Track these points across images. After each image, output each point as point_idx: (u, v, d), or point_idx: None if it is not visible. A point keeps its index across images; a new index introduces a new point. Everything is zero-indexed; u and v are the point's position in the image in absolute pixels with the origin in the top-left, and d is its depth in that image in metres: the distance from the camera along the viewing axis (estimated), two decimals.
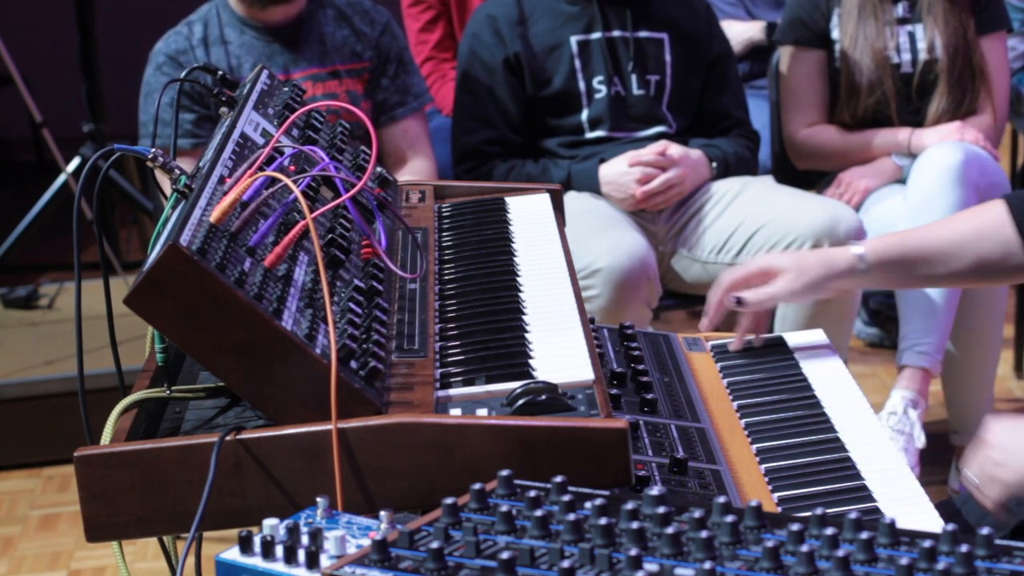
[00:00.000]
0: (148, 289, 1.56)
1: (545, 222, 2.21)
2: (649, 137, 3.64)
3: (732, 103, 3.77)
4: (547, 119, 3.64)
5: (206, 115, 3.49)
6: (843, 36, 3.87)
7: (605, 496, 1.36)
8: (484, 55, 3.64)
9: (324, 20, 3.62)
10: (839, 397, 2.02)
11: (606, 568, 1.24)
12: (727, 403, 2.01)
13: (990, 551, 1.24)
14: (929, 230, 2.26)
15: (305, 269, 1.73)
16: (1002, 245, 2.17)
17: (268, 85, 2.15)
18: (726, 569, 1.24)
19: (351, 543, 1.41)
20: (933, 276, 2.23)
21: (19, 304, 4.66)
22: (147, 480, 1.59)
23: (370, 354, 1.64)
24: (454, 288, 1.96)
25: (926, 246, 2.21)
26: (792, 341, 2.20)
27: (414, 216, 2.20)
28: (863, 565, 1.24)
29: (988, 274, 2.23)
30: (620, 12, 3.65)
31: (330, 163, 1.92)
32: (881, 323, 4.65)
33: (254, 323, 1.57)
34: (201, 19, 3.60)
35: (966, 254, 2.19)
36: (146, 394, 1.74)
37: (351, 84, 3.62)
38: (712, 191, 3.61)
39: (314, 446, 1.57)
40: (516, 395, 1.63)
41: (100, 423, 1.67)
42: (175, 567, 1.78)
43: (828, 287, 2.23)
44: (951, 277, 2.24)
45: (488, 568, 1.25)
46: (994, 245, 2.17)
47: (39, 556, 3.63)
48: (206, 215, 1.66)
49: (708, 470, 1.78)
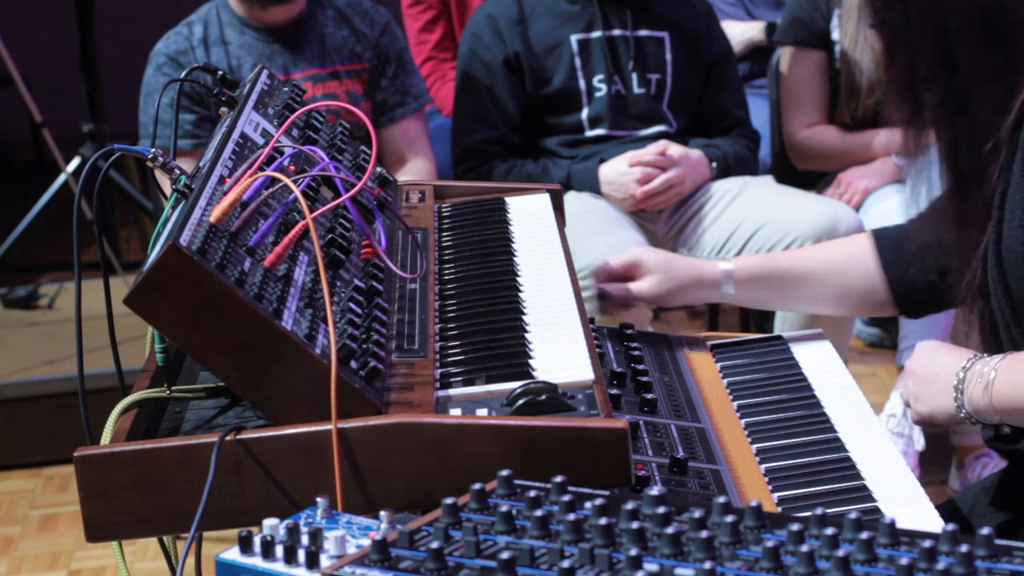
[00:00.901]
0: (148, 289, 1.56)
1: (545, 222, 2.21)
2: (649, 136, 3.64)
3: (732, 103, 3.77)
4: (547, 118, 3.65)
5: (206, 115, 3.49)
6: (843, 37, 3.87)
7: (605, 496, 1.36)
8: (484, 55, 3.64)
9: (324, 20, 3.62)
10: (839, 397, 2.02)
11: (606, 568, 1.24)
12: (727, 403, 2.01)
13: (990, 551, 1.24)
14: (797, 254, 2.28)
15: (305, 269, 1.73)
16: (864, 279, 2.17)
17: (268, 85, 2.15)
18: (726, 569, 1.24)
19: (351, 543, 1.41)
20: (798, 300, 2.25)
21: (19, 304, 4.66)
22: (147, 480, 1.59)
23: (370, 354, 1.64)
24: (454, 288, 1.96)
25: (792, 271, 2.23)
26: (792, 341, 2.20)
27: (414, 216, 2.20)
28: (863, 565, 1.24)
29: (850, 305, 2.23)
30: (620, 11, 3.65)
31: (330, 163, 1.92)
32: (881, 323, 4.65)
33: (254, 323, 1.57)
34: (201, 19, 3.60)
35: (829, 282, 2.20)
36: (146, 394, 1.74)
37: (351, 84, 3.62)
38: (712, 191, 3.61)
39: (314, 446, 1.57)
40: (516, 395, 1.63)
41: (100, 423, 1.67)
42: (175, 567, 1.78)
43: (693, 296, 2.26)
44: (813, 303, 2.25)
45: (488, 568, 1.25)
46: (857, 279, 2.18)
47: (39, 556, 3.63)
48: (206, 215, 1.66)
49: (708, 470, 1.78)
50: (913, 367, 1.88)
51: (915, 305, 2.16)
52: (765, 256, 2.28)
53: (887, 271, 2.15)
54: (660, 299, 2.26)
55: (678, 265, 2.25)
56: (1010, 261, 1.77)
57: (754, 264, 2.25)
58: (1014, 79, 1.73)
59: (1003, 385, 1.74)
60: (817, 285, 2.21)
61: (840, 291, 2.20)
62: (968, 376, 1.78)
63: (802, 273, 2.22)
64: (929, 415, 1.85)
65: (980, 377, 1.76)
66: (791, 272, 2.23)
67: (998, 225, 1.78)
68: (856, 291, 2.19)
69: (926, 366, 1.86)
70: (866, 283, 2.17)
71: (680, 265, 2.25)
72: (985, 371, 1.76)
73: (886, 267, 2.15)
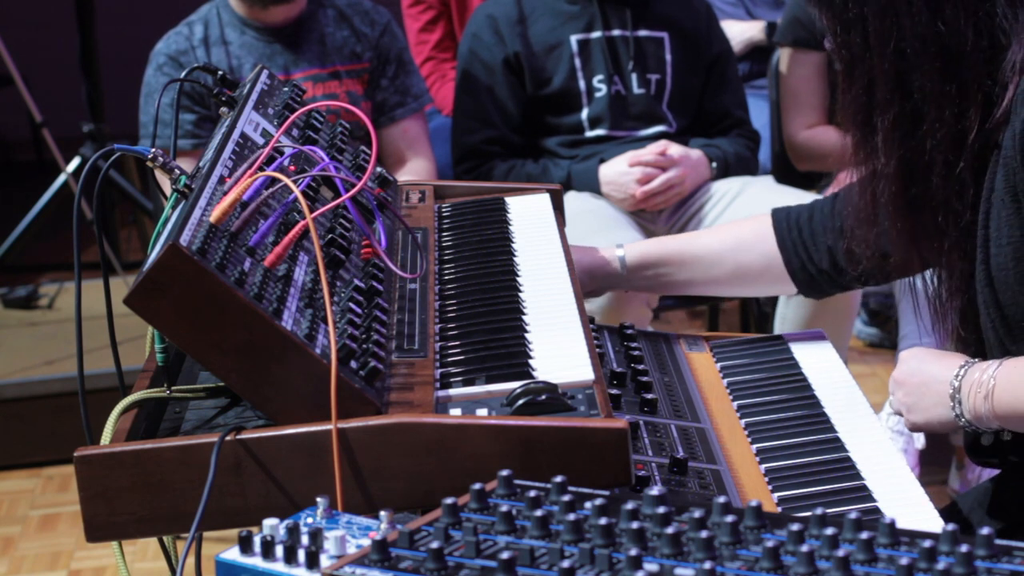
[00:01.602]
0: (148, 289, 1.56)
1: (545, 222, 2.21)
2: (649, 136, 3.64)
3: (732, 103, 3.77)
4: (547, 118, 3.65)
5: (206, 115, 3.49)
6: None
7: (605, 496, 1.36)
8: (484, 55, 3.64)
9: (324, 21, 3.62)
10: (839, 397, 2.02)
11: (606, 568, 1.24)
12: (727, 403, 2.01)
13: (990, 551, 1.24)
14: (692, 236, 2.29)
15: (305, 269, 1.73)
16: (762, 257, 2.18)
17: (268, 85, 2.16)
18: (726, 569, 1.24)
19: (351, 543, 1.41)
20: (692, 281, 2.23)
21: (19, 304, 4.67)
22: (147, 480, 1.59)
23: (370, 354, 1.64)
24: (454, 288, 1.96)
25: (686, 251, 2.22)
26: (792, 341, 2.20)
27: (414, 216, 2.20)
28: (863, 565, 1.24)
29: (747, 283, 2.23)
30: (620, 11, 3.65)
31: (330, 163, 1.92)
32: (881, 323, 4.65)
33: (254, 323, 1.57)
34: (201, 19, 3.60)
35: (726, 262, 2.20)
36: (146, 394, 1.74)
37: (351, 84, 3.62)
38: (712, 191, 3.61)
39: (314, 446, 1.57)
40: (516, 395, 1.63)
41: (100, 423, 1.67)
42: (175, 567, 1.78)
43: (604, 285, 2.25)
44: (709, 283, 2.24)
45: (488, 568, 1.25)
46: (754, 256, 2.18)
47: (39, 556, 3.63)
48: (206, 215, 1.66)
49: (708, 470, 1.78)
50: (901, 378, 1.86)
51: (813, 286, 2.17)
52: (658, 240, 2.27)
53: (784, 251, 2.15)
54: None
55: (584, 258, 2.24)
56: (1001, 280, 1.77)
57: (645, 248, 2.24)
58: (967, 105, 1.73)
59: (1004, 393, 1.74)
60: (712, 265, 2.21)
61: (736, 270, 2.20)
62: (964, 385, 1.77)
63: (695, 254, 2.21)
64: (925, 424, 1.84)
65: (979, 386, 1.76)
66: (684, 254, 2.22)
67: (985, 246, 1.77)
68: (753, 270, 2.19)
69: (915, 376, 1.84)
70: (763, 262, 2.17)
71: (586, 258, 2.24)
72: (984, 379, 1.75)
73: (783, 247, 2.15)
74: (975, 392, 1.76)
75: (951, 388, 1.78)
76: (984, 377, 1.75)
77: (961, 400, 1.77)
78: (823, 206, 2.14)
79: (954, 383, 1.78)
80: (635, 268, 2.23)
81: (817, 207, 2.14)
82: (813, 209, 2.15)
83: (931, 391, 1.81)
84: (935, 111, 1.74)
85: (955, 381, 1.78)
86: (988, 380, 1.75)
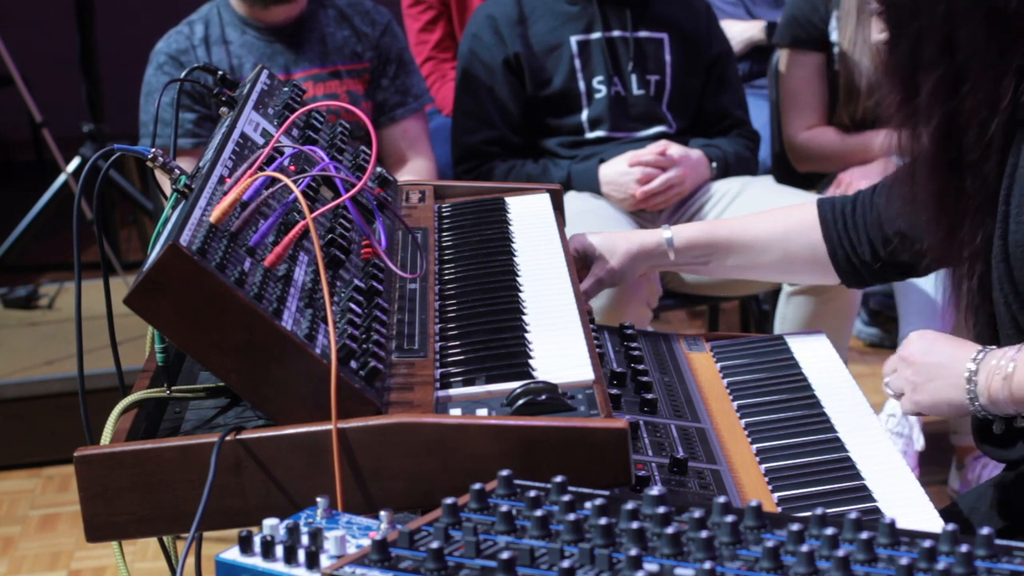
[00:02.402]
0: (148, 289, 1.56)
1: (545, 222, 2.21)
2: (649, 137, 3.64)
3: (732, 103, 3.77)
4: (547, 119, 3.64)
5: (207, 115, 3.49)
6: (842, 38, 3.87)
7: (605, 496, 1.36)
8: (484, 55, 3.64)
9: (325, 20, 3.62)
10: (839, 397, 2.02)
11: (606, 568, 1.24)
12: (727, 403, 2.01)
13: (990, 551, 1.24)
14: (741, 222, 2.29)
15: (305, 269, 1.73)
16: (808, 247, 2.20)
17: (268, 85, 2.16)
18: (726, 569, 1.24)
19: (351, 543, 1.41)
20: (740, 266, 2.26)
21: (19, 304, 4.66)
22: (147, 480, 1.59)
23: (370, 354, 1.64)
24: (454, 288, 1.96)
25: (734, 237, 2.24)
26: (792, 341, 2.20)
27: (414, 216, 2.20)
28: (863, 565, 1.24)
29: (792, 271, 2.26)
30: (620, 12, 3.65)
31: (330, 163, 1.92)
32: (881, 323, 4.65)
33: (254, 323, 1.57)
34: (202, 19, 3.60)
35: (773, 250, 2.22)
36: (146, 394, 1.74)
37: (351, 84, 3.62)
38: (712, 191, 3.61)
39: (314, 446, 1.57)
40: (516, 395, 1.63)
41: (100, 423, 1.67)
42: (175, 567, 1.78)
43: (642, 267, 2.27)
44: (756, 269, 2.26)
45: (488, 568, 1.25)
46: (801, 246, 2.20)
47: (39, 556, 3.63)
48: (206, 215, 1.66)
49: (708, 470, 1.78)
50: (911, 356, 1.85)
51: (856, 277, 2.18)
52: (707, 223, 2.29)
53: (829, 242, 2.17)
54: (613, 278, 2.25)
55: (620, 241, 2.25)
56: (1017, 256, 1.77)
57: (694, 233, 2.26)
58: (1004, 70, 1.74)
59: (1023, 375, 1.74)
60: (760, 252, 2.23)
61: (784, 258, 2.22)
62: (982, 368, 1.77)
63: (744, 240, 2.23)
64: (930, 406, 1.83)
65: (997, 370, 1.75)
66: (733, 239, 2.24)
67: (1004, 221, 1.78)
68: (799, 259, 2.21)
69: (927, 356, 1.83)
70: (810, 251, 2.19)
71: (622, 241, 2.26)
72: (1002, 364, 1.75)
73: (827, 238, 2.17)
74: (993, 375, 1.75)
75: (967, 371, 1.78)
76: (1003, 361, 1.75)
77: (978, 383, 1.77)
78: (865, 197, 2.16)
79: (971, 366, 1.77)
80: (683, 250, 2.25)
81: (860, 198, 2.16)
82: (856, 200, 2.16)
83: (946, 371, 1.80)
84: (978, 71, 1.75)
85: (972, 364, 1.77)
86: (1007, 364, 1.75)
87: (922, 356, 1.84)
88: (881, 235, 2.11)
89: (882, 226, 2.10)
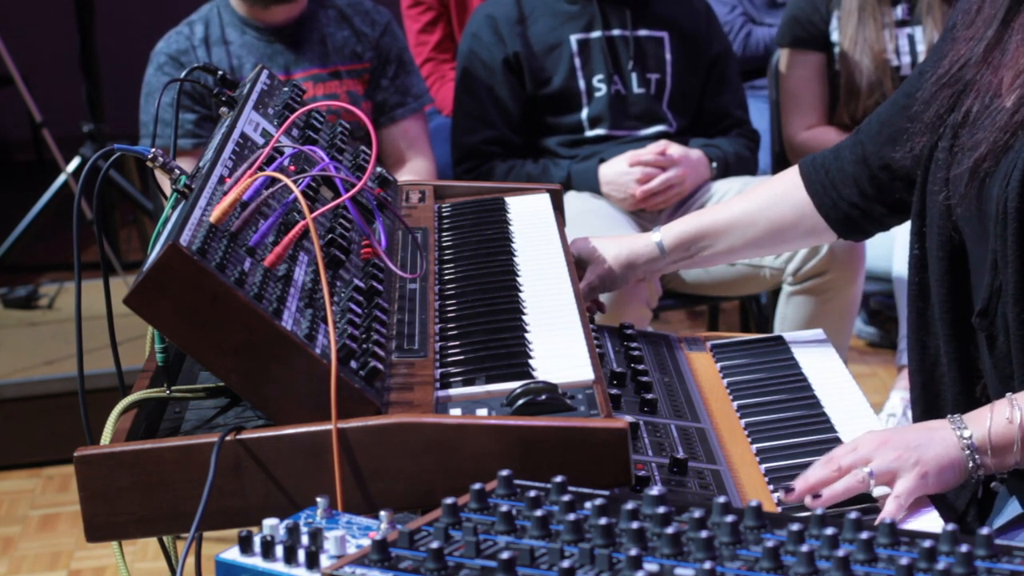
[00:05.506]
0: (148, 289, 1.56)
1: (545, 222, 2.21)
2: (649, 136, 3.64)
3: (732, 102, 3.77)
4: (547, 118, 3.65)
5: (207, 115, 3.49)
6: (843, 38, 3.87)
7: (605, 496, 1.36)
8: (484, 55, 3.64)
9: (325, 21, 3.62)
10: (839, 397, 2.02)
11: (606, 568, 1.24)
12: (727, 403, 2.01)
13: (990, 551, 1.24)
14: (721, 205, 2.29)
15: (305, 269, 1.73)
16: (794, 208, 2.19)
17: (268, 85, 2.16)
18: (726, 569, 1.24)
19: (351, 543, 1.41)
20: (732, 248, 2.24)
21: (19, 304, 4.67)
22: (147, 480, 1.59)
23: (370, 354, 1.64)
24: (454, 288, 1.96)
25: (719, 220, 2.23)
26: (792, 341, 2.20)
27: (414, 216, 2.20)
28: (863, 565, 1.24)
29: (784, 238, 2.24)
30: (620, 11, 3.65)
31: (330, 163, 1.92)
32: (881, 323, 4.65)
33: (254, 323, 1.57)
34: (202, 19, 3.60)
35: (760, 221, 2.21)
36: (146, 394, 1.74)
37: (351, 84, 3.62)
38: (712, 191, 3.61)
39: (314, 446, 1.57)
40: (516, 395, 1.63)
41: (100, 423, 1.67)
42: (175, 567, 1.78)
43: (639, 272, 2.26)
44: (749, 246, 2.24)
45: (488, 568, 1.25)
46: (786, 209, 2.20)
47: (39, 556, 3.63)
48: (206, 215, 1.66)
49: (708, 470, 1.78)
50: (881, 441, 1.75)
51: (850, 225, 2.17)
52: (692, 215, 2.28)
53: (814, 195, 2.16)
54: (605, 283, 2.24)
55: (612, 247, 2.24)
56: None
57: (680, 228, 2.25)
58: None
59: None
60: (748, 227, 2.21)
61: (771, 227, 2.20)
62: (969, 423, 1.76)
63: (730, 220, 2.22)
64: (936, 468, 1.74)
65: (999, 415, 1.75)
66: (718, 223, 2.23)
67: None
68: (787, 223, 2.20)
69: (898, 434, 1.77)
70: (796, 212, 2.18)
71: (613, 247, 2.25)
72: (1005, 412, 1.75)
73: (811, 191, 2.16)
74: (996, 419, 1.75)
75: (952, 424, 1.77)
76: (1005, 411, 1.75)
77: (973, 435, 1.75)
78: (846, 142, 2.16)
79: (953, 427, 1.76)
80: (674, 249, 2.24)
81: (842, 146, 2.16)
82: (838, 148, 2.16)
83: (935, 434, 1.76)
84: None
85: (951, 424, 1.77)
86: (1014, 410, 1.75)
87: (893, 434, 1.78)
88: (867, 172, 2.10)
89: (867, 161, 2.10)
